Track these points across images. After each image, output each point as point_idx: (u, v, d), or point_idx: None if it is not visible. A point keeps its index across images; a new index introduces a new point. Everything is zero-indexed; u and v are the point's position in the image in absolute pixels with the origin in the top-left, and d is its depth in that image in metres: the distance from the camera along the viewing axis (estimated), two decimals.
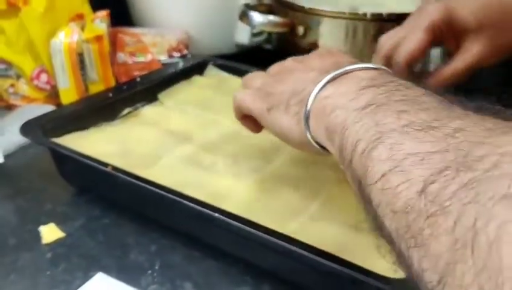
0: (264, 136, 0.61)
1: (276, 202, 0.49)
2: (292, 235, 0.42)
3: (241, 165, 0.55)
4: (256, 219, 0.44)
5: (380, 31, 0.64)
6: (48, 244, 0.50)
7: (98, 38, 0.71)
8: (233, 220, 0.42)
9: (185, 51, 0.80)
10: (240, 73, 0.75)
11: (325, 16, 0.65)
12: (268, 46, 0.91)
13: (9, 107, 0.78)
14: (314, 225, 0.45)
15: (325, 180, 0.52)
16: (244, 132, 0.62)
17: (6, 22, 0.75)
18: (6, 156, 0.64)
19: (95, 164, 0.50)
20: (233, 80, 0.75)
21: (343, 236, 0.44)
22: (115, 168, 0.49)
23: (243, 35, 0.91)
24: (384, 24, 0.64)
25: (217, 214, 0.42)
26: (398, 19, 0.64)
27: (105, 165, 0.49)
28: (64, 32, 0.69)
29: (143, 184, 0.47)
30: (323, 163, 0.56)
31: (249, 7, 0.72)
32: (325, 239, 0.43)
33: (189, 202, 0.44)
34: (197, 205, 0.44)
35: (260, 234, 0.40)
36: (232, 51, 0.94)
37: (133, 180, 0.47)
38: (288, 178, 0.52)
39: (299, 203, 0.48)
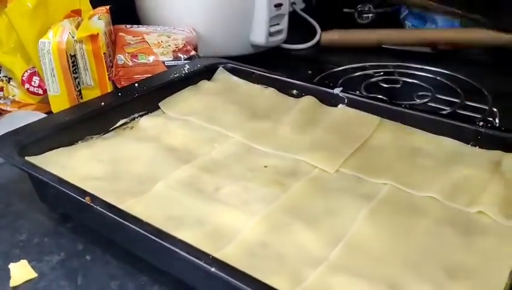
0: (280, 154, 0.53)
1: (289, 246, 0.39)
2: None
3: (250, 193, 0.46)
4: (262, 271, 0.35)
5: None
6: (15, 287, 0.42)
7: (93, 38, 0.63)
8: (231, 276, 0.33)
9: (192, 52, 0.71)
10: (253, 78, 0.66)
11: None
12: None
13: None
14: (336, 279, 0.36)
15: (351, 216, 0.42)
16: (257, 149, 0.54)
17: None
18: None
19: (72, 193, 0.42)
20: (245, 86, 0.66)
21: None
22: (95, 199, 0.41)
23: (259, 35, 0.82)
24: None
25: (213, 269, 0.33)
26: None
27: (83, 194, 0.41)
28: (53, 30, 0.61)
29: (125, 222, 0.38)
30: (352, 190, 0.47)
31: None
32: None
33: (178, 248, 0.35)
34: (187, 252, 0.35)
35: None
36: (247, 52, 0.85)
37: (115, 216, 0.39)
38: (305, 212, 0.43)
39: (316, 247, 0.39)
